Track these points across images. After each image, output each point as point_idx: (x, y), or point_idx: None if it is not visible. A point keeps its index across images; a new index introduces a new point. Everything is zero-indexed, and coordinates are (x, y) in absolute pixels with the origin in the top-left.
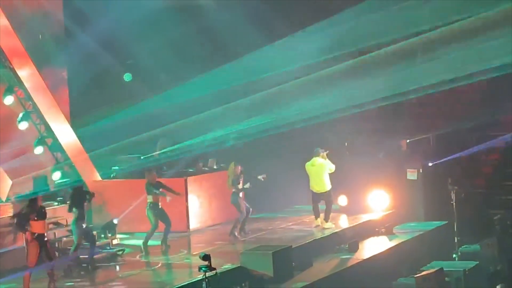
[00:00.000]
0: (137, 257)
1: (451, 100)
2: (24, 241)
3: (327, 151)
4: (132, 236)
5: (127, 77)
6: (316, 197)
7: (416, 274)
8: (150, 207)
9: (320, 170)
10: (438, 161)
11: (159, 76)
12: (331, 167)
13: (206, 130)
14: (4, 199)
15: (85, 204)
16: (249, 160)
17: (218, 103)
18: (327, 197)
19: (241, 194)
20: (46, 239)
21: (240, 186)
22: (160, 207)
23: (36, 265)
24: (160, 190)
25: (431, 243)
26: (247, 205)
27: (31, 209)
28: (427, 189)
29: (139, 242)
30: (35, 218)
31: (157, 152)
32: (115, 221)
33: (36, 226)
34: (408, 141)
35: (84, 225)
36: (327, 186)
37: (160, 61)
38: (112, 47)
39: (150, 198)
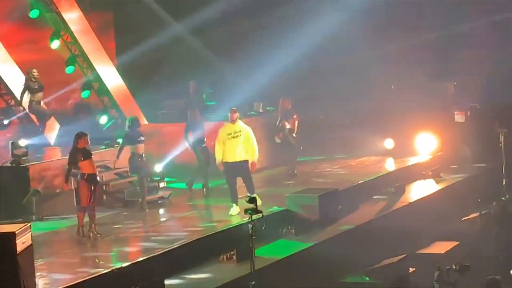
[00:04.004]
0: (185, 199)
1: (500, 42)
2: (74, 183)
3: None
4: (180, 179)
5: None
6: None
7: (463, 218)
8: (197, 142)
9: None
10: (486, 104)
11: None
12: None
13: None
14: (52, 143)
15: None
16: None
17: None
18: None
19: (295, 130)
20: (97, 178)
21: (288, 125)
22: (205, 145)
23: (89, 204)
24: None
25: (479, 186)
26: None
27: (75, 148)
28: (475, 131)
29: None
30: (82, 158)
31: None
32: (157, 169)
33: (84, 166)
34: (455, 83)
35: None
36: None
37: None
38: None
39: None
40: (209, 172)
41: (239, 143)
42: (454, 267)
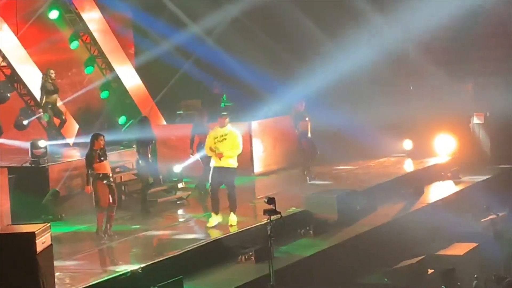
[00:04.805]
0: (203, 200)
1: None
2: (90, 183)
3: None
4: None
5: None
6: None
7: (482, 219)
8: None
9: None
10: (505, 105)
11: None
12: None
13: None
14: (71, 143)
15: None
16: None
17: None
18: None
19: (309, 133)
20: (112, 180)
21: (301, 127)
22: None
23: (108, 205)
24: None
25: (498, 188)
26: (311, 145)
27: (91, 149)
28: (494, 133)
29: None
30: (97, 160)
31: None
32: (176, 169)
33: (99, 167)
34: (474, 85)
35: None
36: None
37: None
38: None
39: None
40: None
41: (226, 146)
42: (492, 277)
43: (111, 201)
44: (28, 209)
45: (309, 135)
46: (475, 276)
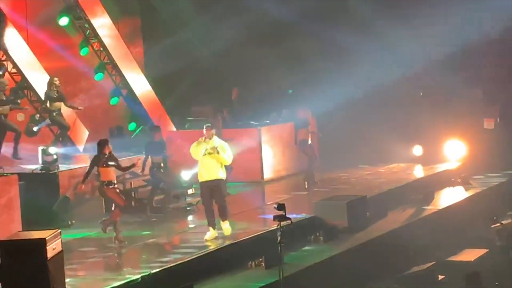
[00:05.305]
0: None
1: None
2: (98, 191)
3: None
4: None
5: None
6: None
7: (493, 225)
8: None
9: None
10: None
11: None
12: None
13: None
14: (81, 149)
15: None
16: None
17: None
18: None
19: (309, 140)
20: (116, 186)
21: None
22: None
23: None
24: None
25: (508, 194)
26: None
27: (98, 156)
28: (504, 138)
29: None
30: (104, 165)
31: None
32: (186, 176)
33: (104, 173)
34: (484, 90)
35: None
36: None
37: None
38: None
39: None
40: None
41: (215, 160)
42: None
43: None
44: (39, 216)
45: (310, 142)
46: (496, 284)
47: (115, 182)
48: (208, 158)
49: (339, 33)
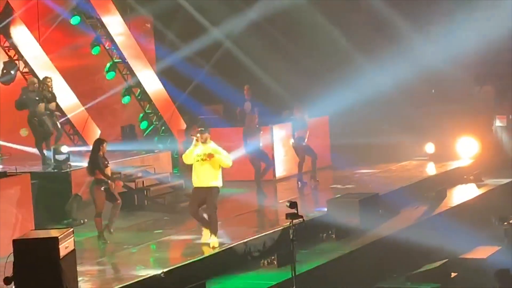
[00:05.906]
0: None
1: None
2: (89, 189)
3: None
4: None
5: None
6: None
7: (505, 222)
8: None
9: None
10: None
11: None
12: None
13: None
14: None
15: None
16: None
17: None
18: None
19: (305, 141)
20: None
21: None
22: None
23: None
24: None
25: None
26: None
27: (97, 155)
28: None
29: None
30: (106, 166)
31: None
32: None
33: (99, 174)
34: (496, 87)
35: None
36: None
37: None
38: None
39: None
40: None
41: (209, 166)
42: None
43: (115, 201)
44: (51, 214)
45: (305, 141)
46: None
47: (109, 182)
48: (199, 164)
49: (353, 32)
